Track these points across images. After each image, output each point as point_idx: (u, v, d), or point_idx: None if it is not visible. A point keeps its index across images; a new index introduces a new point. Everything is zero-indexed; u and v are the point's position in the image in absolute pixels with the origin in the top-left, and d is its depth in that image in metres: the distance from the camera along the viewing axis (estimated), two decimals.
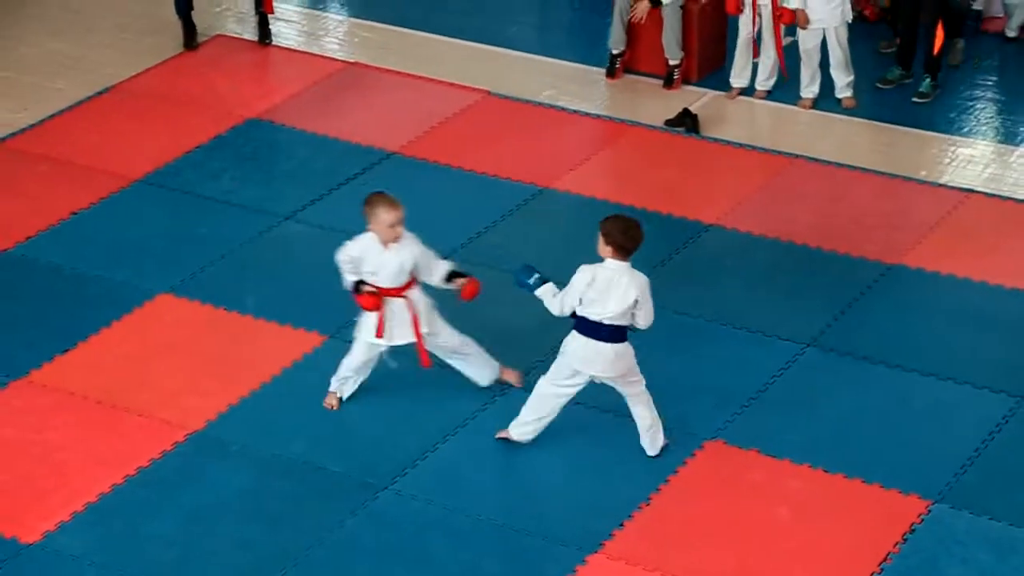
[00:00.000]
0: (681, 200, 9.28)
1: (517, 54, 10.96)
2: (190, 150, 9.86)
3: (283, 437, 7.50)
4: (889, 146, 9.81)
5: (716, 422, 7.51)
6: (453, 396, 7.70)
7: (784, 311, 8.27)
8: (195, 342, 8.18)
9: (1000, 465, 7.23)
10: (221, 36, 11.23)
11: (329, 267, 8.73)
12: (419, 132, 10.02)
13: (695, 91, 10.45)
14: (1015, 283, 8.44)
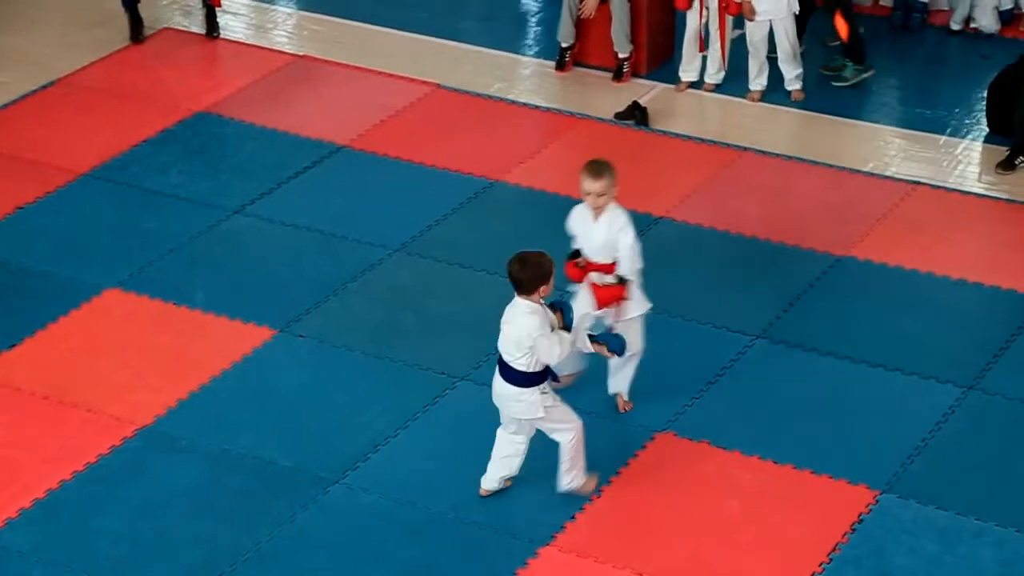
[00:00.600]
0: (631, 193, 9.23)
1: (467, 47, 10.94)
2: (137, 144, 9.78)
3: (233, 432, 7.46)
4: (837, 138, 9.87)
5: (666, 414, 7.54)
6: (403, 390, 7.69)
7: (733, 303, 8.31)
8: (143, 337, 8.12)
9: (947, 455, 7.29)
10: (168, 29, 11.15)
11: (279, 261, 8.72)
12: (369, 125, 9.99)
13: (644, 84, 10.48)
14: (961, 274, 8.52)
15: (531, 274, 6.59)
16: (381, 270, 8.67)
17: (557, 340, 6.65)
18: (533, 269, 6.59)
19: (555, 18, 10.71)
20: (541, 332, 6.61)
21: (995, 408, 7.57)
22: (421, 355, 7.91)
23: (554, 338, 6.65)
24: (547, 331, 6.64)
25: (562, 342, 6.67)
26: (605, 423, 7.51)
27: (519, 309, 6.65)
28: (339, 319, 8.24)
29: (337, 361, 7.93)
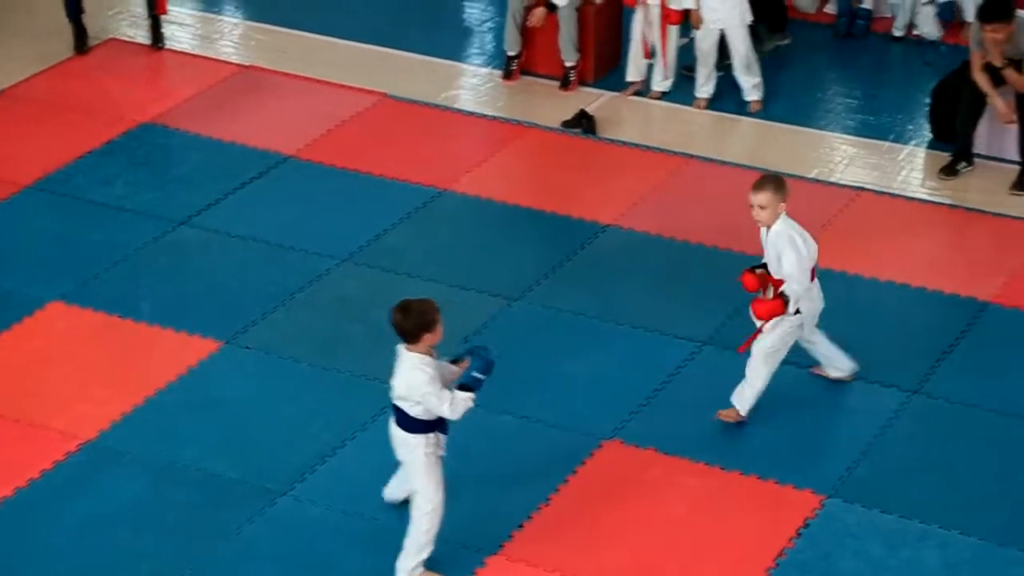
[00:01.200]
0: (578, 201, 9.32)
1: (414, 56, 10.94)
2: (82, 155, 9.71)
3: (179, 444, 7.41)
4: (783, 145, 9.93)
5: (614, 422, 7.55)
6: (350, 401, 7.67)
7: (681, 310, 8.34)
8: (88, 350, 8.06)
9: (892, 459, 7.34)
10: (114, 40, 11.08)
11: (225, 272, 8.68)
12: (316, 135, 9.96)
13: (591, 92, 10.50)
14: (905, 279, 8.58)
15: (414, 323, 6.27)
16: (328, 280, 8.65)
17: (448, 399, 6.32)
18: (416, 317, 6.27)
19: (502, 27, 10.73)
20: (428, 389, 6.29)
21: (939, 412, 7.63)
22: (368, 365, 7.89)
23: (444, 395, 6.31)
24: (436, 388, 6.30)
25: (453, 402, 6.33)
26: (552, 432, 7.51)
27: (405, 363, 6.34)
28: (286, 330, 8.21)
29: (284, 372, 7.90)
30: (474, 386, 6.46)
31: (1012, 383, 7.79)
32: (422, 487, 6.54)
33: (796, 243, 7.19)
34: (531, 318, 8.32)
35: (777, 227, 7.24)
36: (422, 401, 6.35)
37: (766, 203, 7.18)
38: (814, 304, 7.39)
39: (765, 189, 7.19)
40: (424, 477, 6.52)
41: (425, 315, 6.32)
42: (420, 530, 6.58)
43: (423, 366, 6.34)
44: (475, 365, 6.46)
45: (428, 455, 6.49)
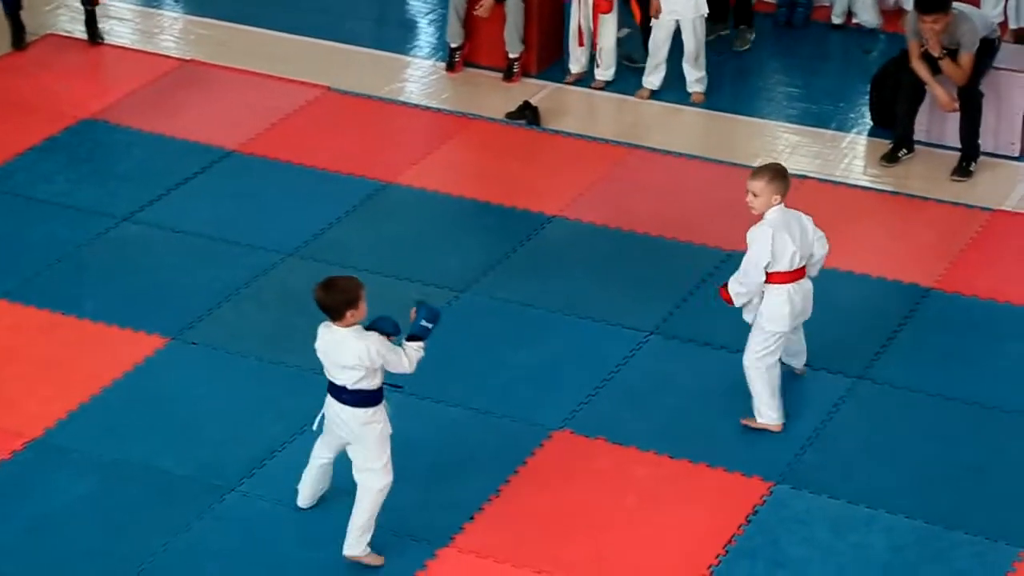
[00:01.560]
0: (523, 192, 9.33)
1: (356, 49, 10.91)
2: (22, 152, 9.61)
3: (126, 441, 7.36)
4: (726, 134, 9.98)
5: (562, 412, 7.58)
6: (298, 396, 7.64)
7: (627, 300, 8.37)
8: (32, 348, 7.99)
9: (838, 445, 7.41)
10: (52, 35, 10.97)
11: (170, 267, 8.62)
12: (259, 129, 9.91)
13: (535, 84, 10.52)
14: (849, 266, 8.65)
15: (338, 299, 6.30)
16: (274, 275, 8.61)
17: (402, 354, 6.41)
18: (339, 294, 6.30)
19: (445, 19, 10.71)
20: (383, 349, 6.34)
21: (884, 397, 7.71)
22: (315, 360, 7.83)
23: (398, 351, 6.41)
24: (387, 346, 6.38)
25: (408, 355, 6.41)
26: (502, 422, 7.53)
27: (345, 336, 6.33)
28: (232, 325, 8.17)
29: (231, 368, 7.87)
30: (423, 335, 6.50)
31: (955, 368, 7.88)
32: (375, 465, 6.52)
33: (760, 241, 7.13)
34: (478, 309, 8.33)
35: (765, 218, 7.18)
36: (382, 362, 6.35)
37: (759, 192, 7.14)
38: (794, 306, 7.24)
39: (760, 177, 7.14)
40: (379, 452, 6.52)
41: (349, 292, 6.33)
42: (368, 511, 6.57)
43: (366, 334, 6.34)
44: (422, 315, 6.51)
45: (383, 429, 6.51)
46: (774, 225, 7.15)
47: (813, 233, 7.31)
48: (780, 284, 7.20)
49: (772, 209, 7.17)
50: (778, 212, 7.17)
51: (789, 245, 7.16)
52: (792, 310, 7.23)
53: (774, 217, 7.16)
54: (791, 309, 7.22)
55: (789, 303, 7.21)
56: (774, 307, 7.21)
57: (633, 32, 10.64)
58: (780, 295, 7.21)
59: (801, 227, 7.24)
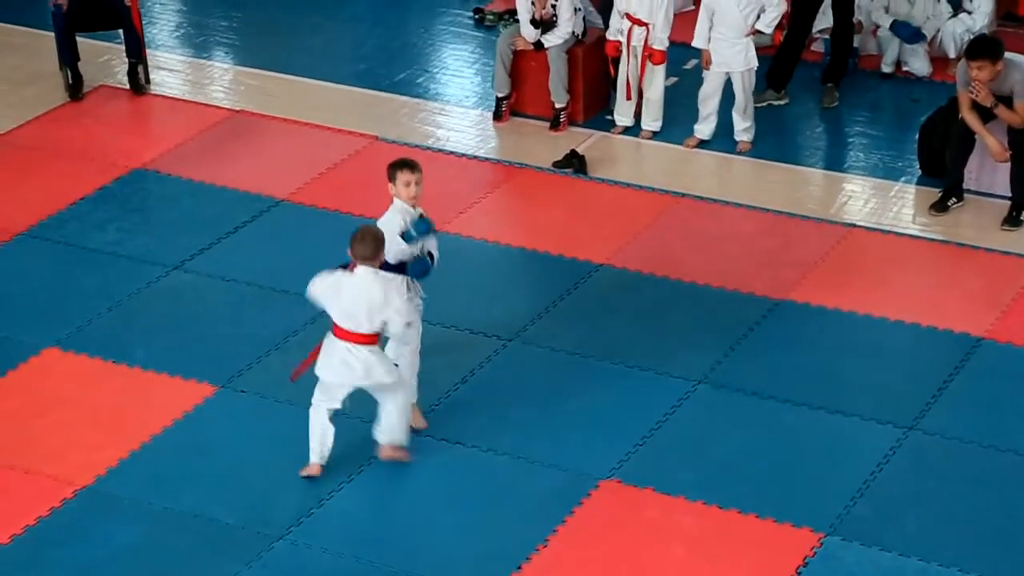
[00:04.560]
0: (571, 241, 9.35)
1: (404, 99, 10.98)
2: (75, 202, 9.72)
3: (175, 490, 7.39)
4: (774, 183, 9.97)
5: (610, 461, 7.55)
6: (343, 444, 7.64)
7: (675, 349, 8.35)
8: (83, 396, 8.04)
9: (889, 496, 7.34)
10: (105, 86, 11.10)
11: (219, 316, 8.67)
12: (307, 179, 9.99)
13: (582, 132, 10.55)
14: (899, 315, 8.60)
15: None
16: (321, 324, 8.58)
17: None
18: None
19: (492, 69, 10.77)
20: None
21: (935, 448, 7.64)
22: (362, 408, 7.87)
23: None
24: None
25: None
26: (549, 471, 7.51)
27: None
28: (280, 373, 8.19)
29: (279, 416, 7.89)
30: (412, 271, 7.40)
31: (1007, 419, 7.81)
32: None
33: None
34: (526, 358, 8.33)
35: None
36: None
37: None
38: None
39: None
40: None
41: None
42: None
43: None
44: (413, 270, 7.39)
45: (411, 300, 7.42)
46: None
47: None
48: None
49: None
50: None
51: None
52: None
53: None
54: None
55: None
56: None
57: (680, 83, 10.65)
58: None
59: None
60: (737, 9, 9.94)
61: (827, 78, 10.83)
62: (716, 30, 10.03)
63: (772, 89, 10.75)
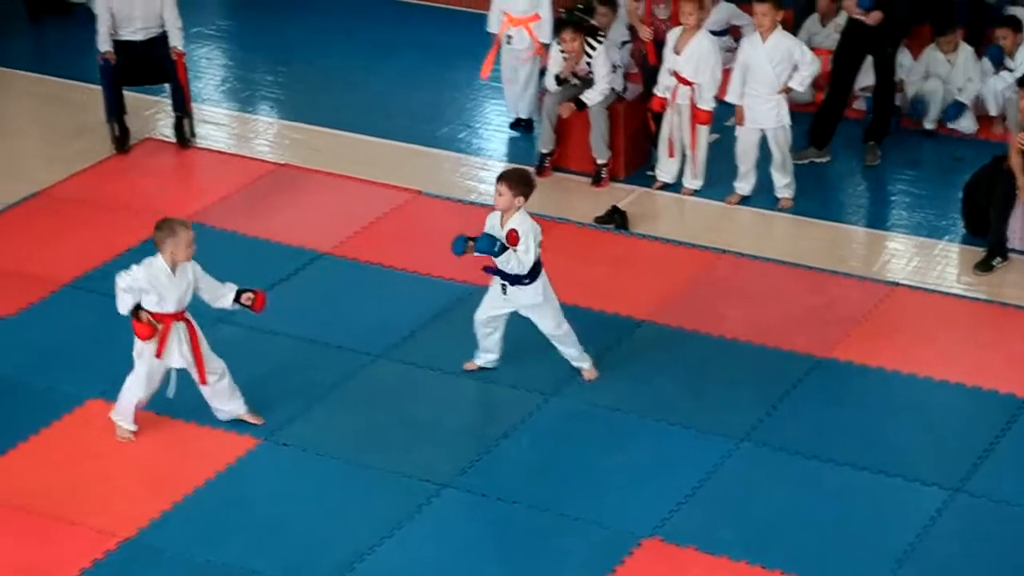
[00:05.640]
0: (612, 296, 9.35)
1: (447, 154, 11.04)
2: (119, 254, 9.78)
3: (218, 543, 7.39)
4: (817, 241, 9.95)
5: (653, 519, 7.51)
6: (388, 498, 7.64)
7: (717, 406, 8.31)
8: (126, 448, 8.07)
9: (935, 558, 7.26)
10: (151, 139, 11.22)
11: (262, 369, 8.69)
12: (350, 232, 10.04)
13: (624, 188, 10.57)
14: (943, 375, 8.54)
15: (529, 185, 8.18)
16: (364, 376, 8.66)
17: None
18: (528, 180, 8.21)
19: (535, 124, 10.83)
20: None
21: (982, 511, 7.56)
22: (405, 462, 7.89)
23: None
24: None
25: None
26: (591, 529, 7.47)
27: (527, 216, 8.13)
28: (323, 426, 8.22)
29: (322, 469, 7.89)
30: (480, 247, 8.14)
31: None
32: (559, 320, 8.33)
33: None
34: (567, 414, 8.31)
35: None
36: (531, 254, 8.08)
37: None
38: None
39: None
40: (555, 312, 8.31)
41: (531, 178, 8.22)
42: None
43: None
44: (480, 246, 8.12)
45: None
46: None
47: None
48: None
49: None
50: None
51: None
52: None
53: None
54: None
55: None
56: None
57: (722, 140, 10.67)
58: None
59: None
60: (770, 66, 9.96)
61: (869, 136, 10.83)
62: (749, 86, 10.06)
63: (814, 146, 10.76)
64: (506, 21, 10.92)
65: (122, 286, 7.83)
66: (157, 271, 7.82)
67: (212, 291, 8.02)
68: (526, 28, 10.86)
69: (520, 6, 10.84)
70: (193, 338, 7.98)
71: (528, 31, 10.87)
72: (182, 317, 7.97)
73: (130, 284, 7.81)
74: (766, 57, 9.94)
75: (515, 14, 10.88)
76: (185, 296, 7.95)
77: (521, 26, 10.88)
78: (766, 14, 9.90)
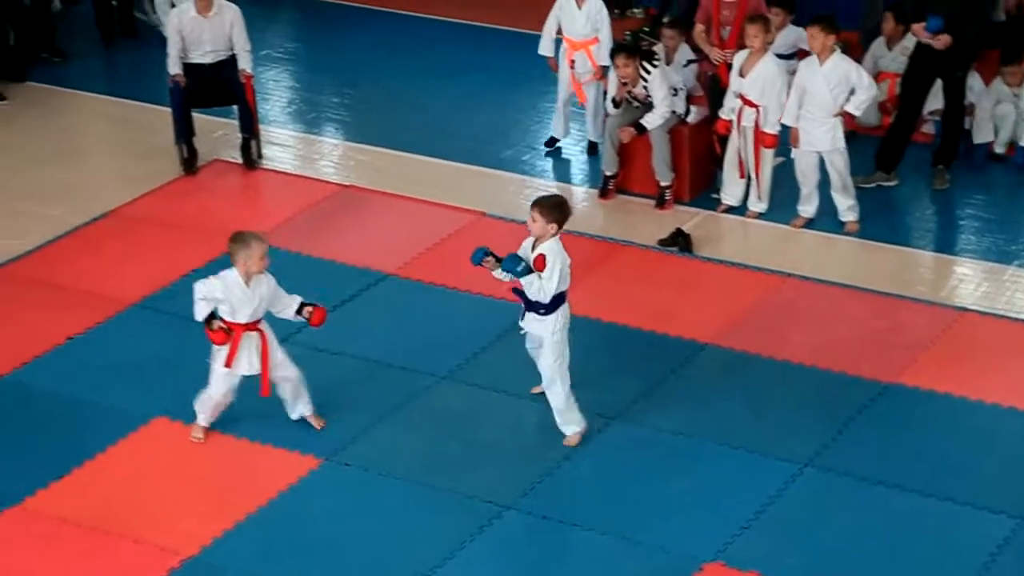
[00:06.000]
0: (676, 319, 9.31)
1: (511, 175, 11.06)
2: (186, 274, 9.87)
3: (279, 563, 7.42)
4: (883, 265, 9.86)
5: (715, 543, 7.45)
6: (450, 519, 7.64)
7: (781, 431, 8.25)
8: (191, 466, 8.13)
9: None
10: (218, 161, 11.33)
11: (326, 389, 8.73)
12: (415, 253, 10.07)
13: (688, 211, 10.54)
14: (1012, 402, 8.43)
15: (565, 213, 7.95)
16: (427, 398, 8.67)
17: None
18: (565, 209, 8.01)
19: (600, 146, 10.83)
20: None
21: None
22: (467, 483, 7.88)
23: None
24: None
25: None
26: (652, 553, 7.43)
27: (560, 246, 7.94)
28: (385, 447, 8.24)
29: (384, 490, 7.91)
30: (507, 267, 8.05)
31: None
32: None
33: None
34: (629, 437, 8.28)
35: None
36: (552, 283, 7.89)
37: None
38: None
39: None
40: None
41: (570, 208, 8.09)
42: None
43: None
44: (506, 266, 8.04)
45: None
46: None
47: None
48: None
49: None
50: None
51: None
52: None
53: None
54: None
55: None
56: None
57: (787, 163, 10.61)
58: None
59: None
60: (827, 88, 9.90)
61: (938, 160, 10.73)
62: (805, 109, 10.00)
63: (882, 170, 10.68)
64: (568, 48, 10.94)
65: (199, 295, 8.00)
66: (231, 283, 7.95)
67: (279, 302, 8.14)
68: (587, 52, 10.88)
69: (580, 30, 10.87)
70: (264, 349, 8.02)
71: (588, 54, 10.89)
72: (255, 327, 8.03)
73: (206, 294, 7.97)
74: (823, 80, 9.89)
75: (576, 38, 10.91)
76: (259, 308, 8.04)
77: (582, 49, 10.90)
78: (815, 37, 9.87)
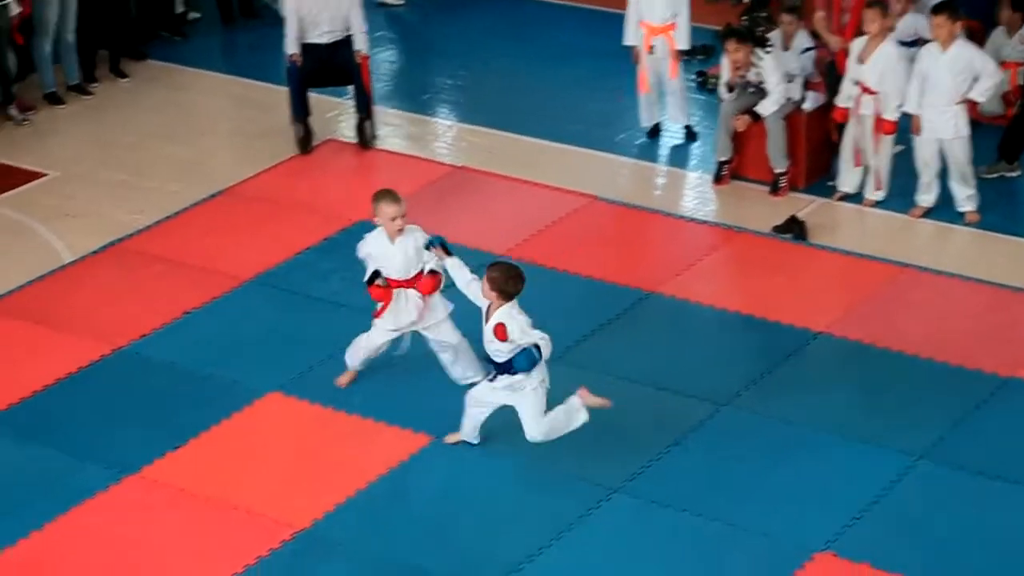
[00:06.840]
0: (789, 307, 9.22)
1: (624, 160, 11.03)
2: (301, 251, 9.99)
3: (388, 539, 7.49)
4: (1002, 256, 9.68)
5: (826, 533, 7.38)
6: (558, 500, 7.65)
7: (895, 422, 8.14)
8: (303, 440, 8.23)
9: None
10: (333, 140, 11.43)
11: (436, 369, 8.77)
12: (526, 236, 10.08)
13: (803, 198, 10.43)
14: None
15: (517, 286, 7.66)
16: None
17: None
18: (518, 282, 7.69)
19: (711, 131, 10.75)
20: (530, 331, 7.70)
21: None
22: (575, 466, 7.88)
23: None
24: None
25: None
26: (761, 541, 7.38)
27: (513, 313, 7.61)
28: (494, 427, 8.26)
29: (493, 469, 7.94)
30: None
31: None
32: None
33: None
34: (740, 424, 8.23)
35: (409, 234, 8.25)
36: (530, 338, 7.53)
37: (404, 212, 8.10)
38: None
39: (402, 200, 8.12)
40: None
41: (522, 282, 7.65)
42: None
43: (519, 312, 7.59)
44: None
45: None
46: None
47: None
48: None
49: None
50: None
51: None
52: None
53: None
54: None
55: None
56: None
57: (906, 151, 10.46)
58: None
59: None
60: (949, 76, 9.72)
61: None
62: (926, 96, 9.83)
63: (1005, 160, 10.48)
64: (647, 33, 10.89)
65: (358, 254, 8.31)
66: (371, 240, 8.25)
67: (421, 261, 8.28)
68: (667, 36, 10.83)
69: (660, 15, 10.83)
70: (423, 306, 8.20)
71: (668, 39, 10.83)
72: (412, 284, 8.18)
73: (360, 251, 8.29)
74: (946, 67, 9.72)
75: (655, 23, 10.86)
76: (411, 265, 8.18)
77: (663, 34, 10.85)
78: (941, 25, 9.70)
